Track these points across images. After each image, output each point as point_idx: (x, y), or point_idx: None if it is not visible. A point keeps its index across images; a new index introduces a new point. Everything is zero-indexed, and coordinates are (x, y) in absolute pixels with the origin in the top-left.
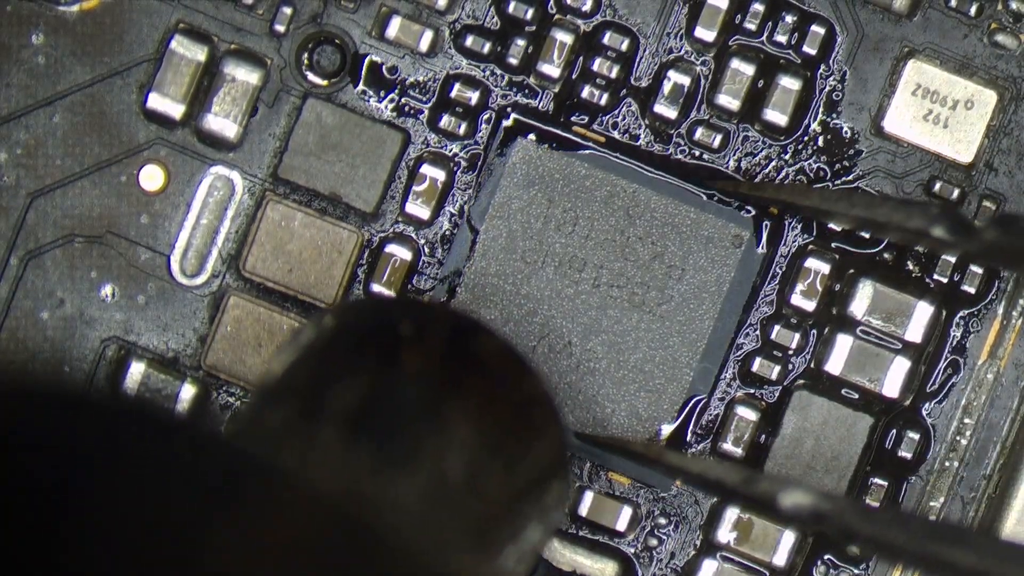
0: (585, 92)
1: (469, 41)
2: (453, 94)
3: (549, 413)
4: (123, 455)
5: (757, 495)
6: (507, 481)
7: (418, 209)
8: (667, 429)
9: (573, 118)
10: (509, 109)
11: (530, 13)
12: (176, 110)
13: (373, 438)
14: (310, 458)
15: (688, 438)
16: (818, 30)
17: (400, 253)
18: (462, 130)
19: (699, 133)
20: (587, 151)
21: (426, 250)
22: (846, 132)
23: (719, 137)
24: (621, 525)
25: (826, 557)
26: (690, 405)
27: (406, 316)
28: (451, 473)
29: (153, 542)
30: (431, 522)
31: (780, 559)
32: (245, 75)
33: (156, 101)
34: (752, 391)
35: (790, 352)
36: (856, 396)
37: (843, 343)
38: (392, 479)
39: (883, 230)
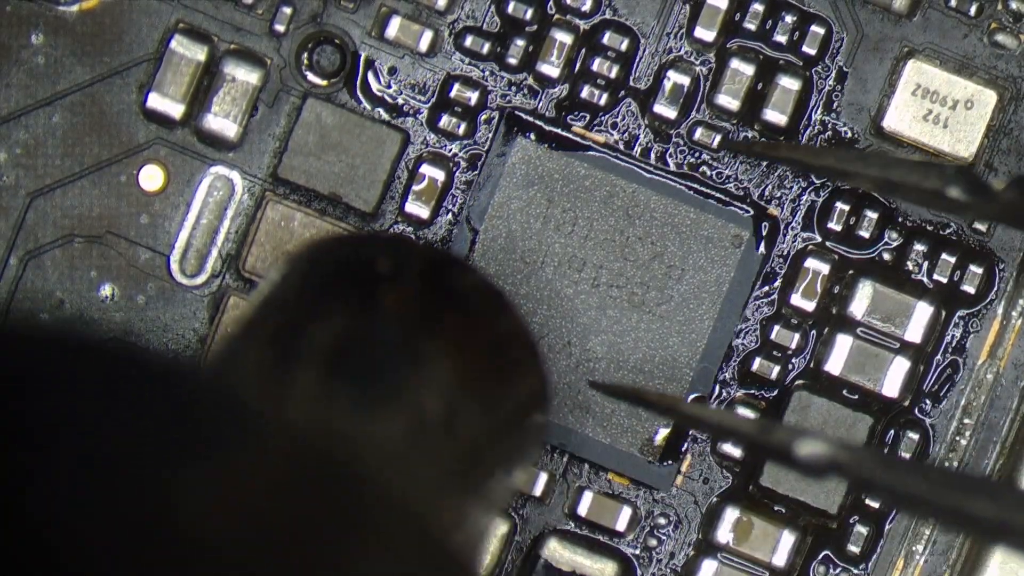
0: (585, 92)
1: (469, 41)
2: (453, 94)
3: (527, 348)
4: (93, 392)
5: (773, 444)
6: (486, 418)
7: (418, 209)
8: (663, 432)
9: (573, 118)
10: (509, 109)
11: (530, 13)
12: (176, 110)
13: (351, 378)
14: (287, 398)
15: (688, 438)
16: (818, 30)
17: None
18: (461, 130)
19: (699, 133)
20: (587, 151)
21: None
22: (846, 132)
23: (719, 137)
24: (620, 525)
25: (825, 557)
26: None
27: (382, 252)
28: (430, 412)
29: (124, 481)
30: (410, 461)
31: (780, 559)
32: (245, 75)
33: (156, 101)
34: (752, 391)
35: (790, 352)
36: (856, 396)
37: (843, 343)
38: (371, 419)
39: (898, 191)
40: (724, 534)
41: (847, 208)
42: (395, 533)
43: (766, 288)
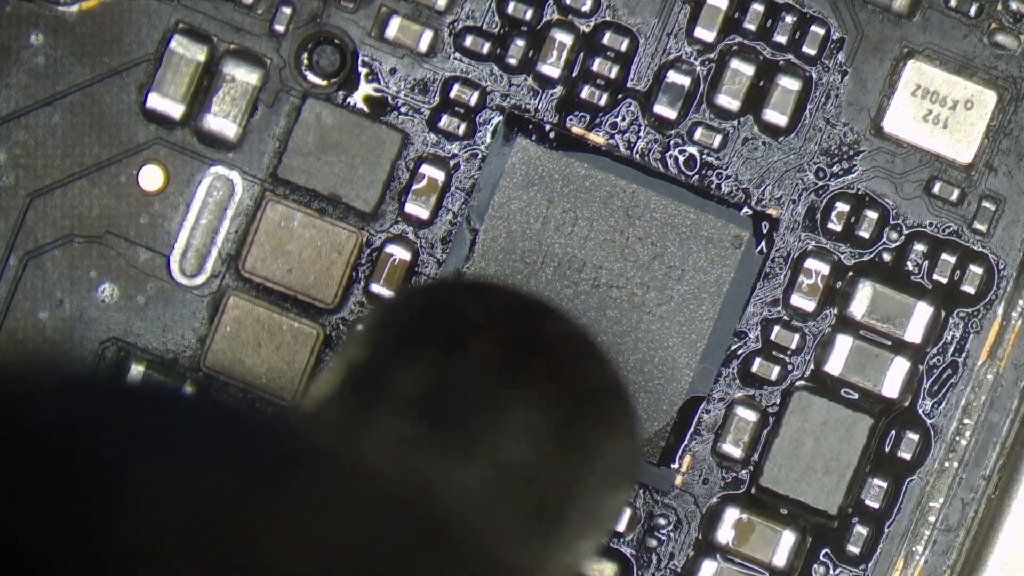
0: (585, 92)
1: (468, 41)
2: (452, 94)
3: (618, 398)
4: (181, 438)
5: None
6: (572, 469)
7: (417, 209)
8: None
9: (572, 119)
10: (508, 109)
11: (529, 13)
12: (176, 110)
13: (435, 424)
14: (372, 443)
15: (687, 439)
16: (818, 30)
17: (399, 253)
18: (461, 130)
19: (699, 133)
20: (586, 152)
21: (425, 250)
22: (846, 132)
23: (719, 138)
24: (620, 526)
25: (825, 557)
26: (689, 406)
27: (471, 299)
28: (514, 460)
29: (209, 524)
30: (492, 508)
31: (780, 560)
32: (244, 75)
33: (156, 101)
34: (752, 392)
35: (790, 352)
36: (856, 397)
37: (843, 344)
38: (454, 465)
39: None
40: (724, 535)
41: (847, 208)
42: None
43: (766, 288)
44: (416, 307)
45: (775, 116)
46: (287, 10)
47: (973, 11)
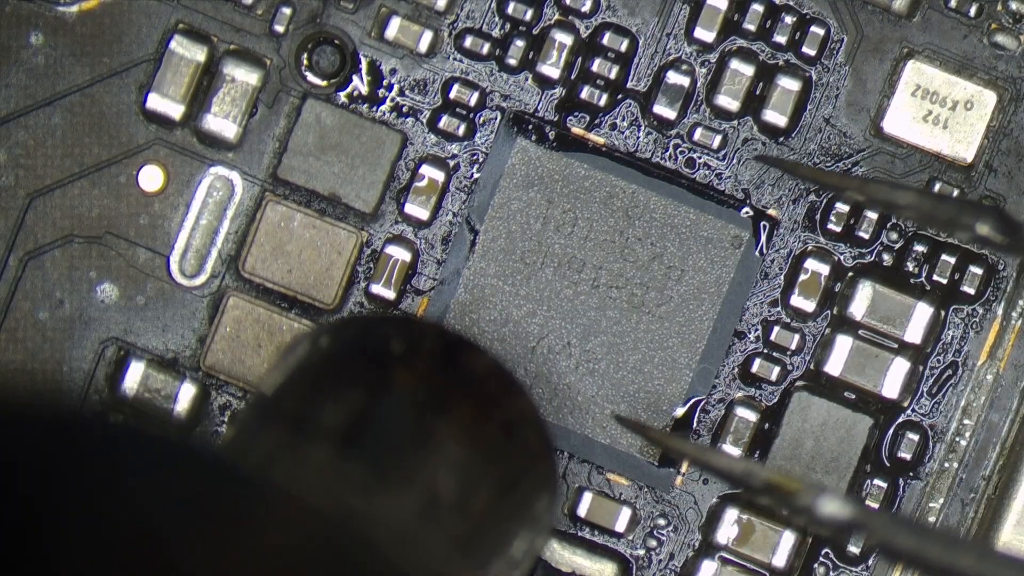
0: (584, 93)
1: (468, 42)
2: (452, 95)
3: (538, 431)
4: (106, 468)
5: (794, 503)
6: (496, 499)
7: (417, 210)
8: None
9: (572, 119)
10: (508, 110)
11: (529, 14)
12: (175, 110)
13: (364, 456)
14: (301, 474)
15: (688, 439)
16: (817, 31)
17: (399, 254)
18: (461, 131)
19: (699, 134)
20: (586, 152)
21: (425, 251)
22: (846, 133)
23: (718, 138)
24: (620, 526)
25: (825, 558)
26: (689, 406)
27: (397, 334)
28: (442, 491)
29: (137, 555)
30: (421, 539)
31: (780, 560)
32: (244, 75)
33: (155, 101)
34: (752, 392)
35: (790, 353)
36: (856, 397)
37: (843, 344)
38: (383, 497)
39: (932, 223)
40: (724, 535)
41: (847, 209)
42: None
43: (766, 289)
44: (344, 340)
45: (775, 116)
46: (287, 10)
47: (973, 11)
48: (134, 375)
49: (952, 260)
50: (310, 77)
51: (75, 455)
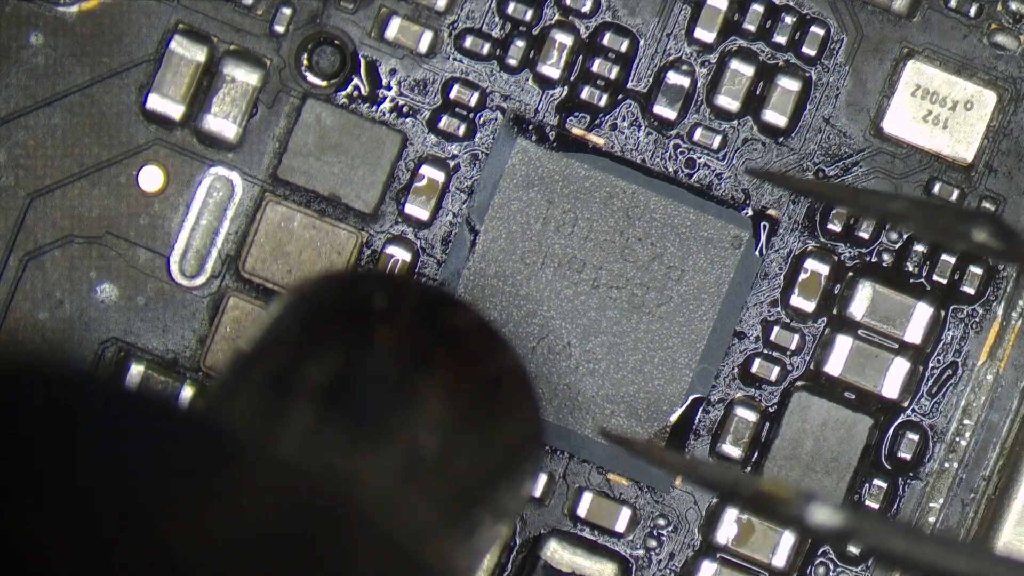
0: (585, 93)
1: (468, 42)
2: (452, 95)
3: (522, 386)
4: (86, 426)
5: (784, 510)
6: (480, 456)
7: (417, 210)
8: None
9: (572, 119)
10: (509, 110)
11: (529, 14)
12: (175, 111)
13: (345, 414)
14: (281, 434)
15: (688, 439)
16: (817, 31)
17: (399, 254)
18: (461, 131)
19: (699, 134)
20: (586, 152)
21: (425, 251)
22: (846, 133)
23: (718, 138)
24: (620, 526)
25: (825, 558)
26: (689, 406)
27: (378, 289)
28: (424, 449)
29: (117, 513)
30: (404, 498)
31: (779, 560)
32: (244, 76)
33: (155, 102)
34: (751, 392)
35: (790, 353)
36: (855, 397)
37: (843, 344)
38: (365, 455)
39: (927, 232)
40: (724, 535)
41: (847, 209)
42: (385, 566)
43: (766, 289)
44: (325, 296)
45: (775, 117)
46: (287, 11)
47: (973, 11)
48: (134, 376)
49: (952, 260)
50: (310, 77)
51: (53, 415)
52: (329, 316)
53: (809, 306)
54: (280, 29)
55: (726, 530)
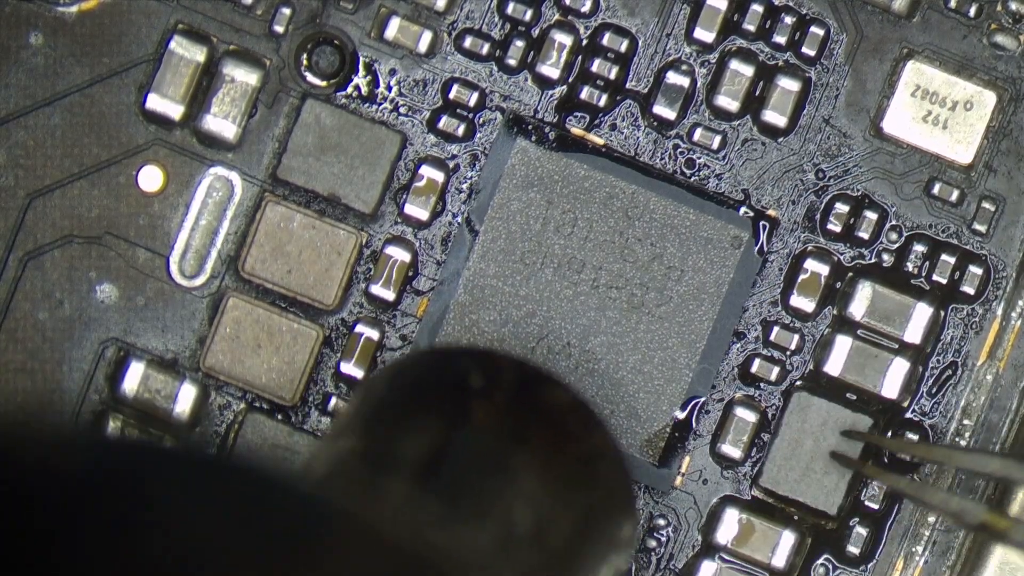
0: (584, 93)
1: (468, 42)
2: (452, 95)
3: (615, 464)
4: (200, 500)
5: (1004, 538)
6: (574, 532)
7: (417, 210)
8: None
9: (572, 119)
10: (508, 110)
11: (529, 14)
12: (175, 111)
13: (442, 489)
14: (380, 508)
15: (687, 439)
16: (817, 31)
17: (399, 254)
18: (461, 131)
19: (698, 134)
20: (586, 152)
21: (425, 251)
22: (845, 133)
23: (718, 138)
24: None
25: (825, 558)
26: (689, 406)
27: (476, 367)
28: (519, 525)
29: None
30: (498, 571)
31: (779, 560)
32: (244, 76)
33: (155, 102)
34: (751, 392)
35: (789, 353)
36: (855, 397)
37: (842, 344)
38: (460, 529)
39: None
40: (724, 535)
41: (847, 209)
42: None
43: (765, 289)
44: (420, 374)
45: (774, 117)
46: (286, 11)
47: (973, 12)
48: (134, 375)
49: (952, 260)
50: (310, 77)
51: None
52: (426, 393)
53: (809, 306)
54: (280, 29)
55: (726, 530)
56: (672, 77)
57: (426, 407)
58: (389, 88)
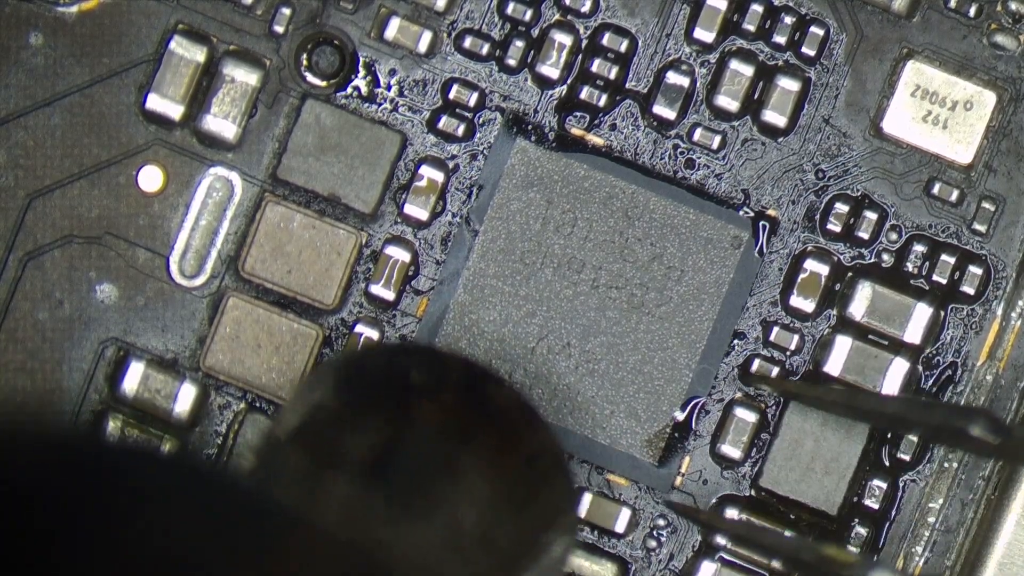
0: (584, 93)
1: (468, 42)
2: (452, 95)
3: (557, 463)
4: (123, 497)
5: (845, 574)
6: (517, 531)
7: (417, 210)
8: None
9: (572, 119)
10: (508, 110)
11: (529, 14)
12: (175, 111)
13: (388, 488)
14: (324, 504)
15: (687, 439)
16: (817, 31)
17: (399, 254)
18: (461, 131)
19: (698, 134)
20: (586, 152)
21: (425, 251)
22: (845, 133)
23: (718, 138)
24: (620, 527)
25: None
26: (689, 407)
27: (420, 366)
28: (464, 523)
29: None
30: (444, 569)
31: (779, 561)
32: (244, 76)
33: (155, 102)
34: (751, 392)
35: (789, 353)
36: None
37: (842, 344)
38: (406, 528)
39: (918, 429)
40: (723, 536)
41: (846, 209)
42: None
43: (765, 289)
44: (366, 372)
45: (774, 117)
46: (286, 11)
47: (972, 12)
48: (134, 375)
49: (952, 260)
50: (309, 78)
51: (89, 483)
52: (371, 392)
53: (809, 306)
54: (280, 29)
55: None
56: (672, 77)
57: (372, 405)
58: (389, 88)
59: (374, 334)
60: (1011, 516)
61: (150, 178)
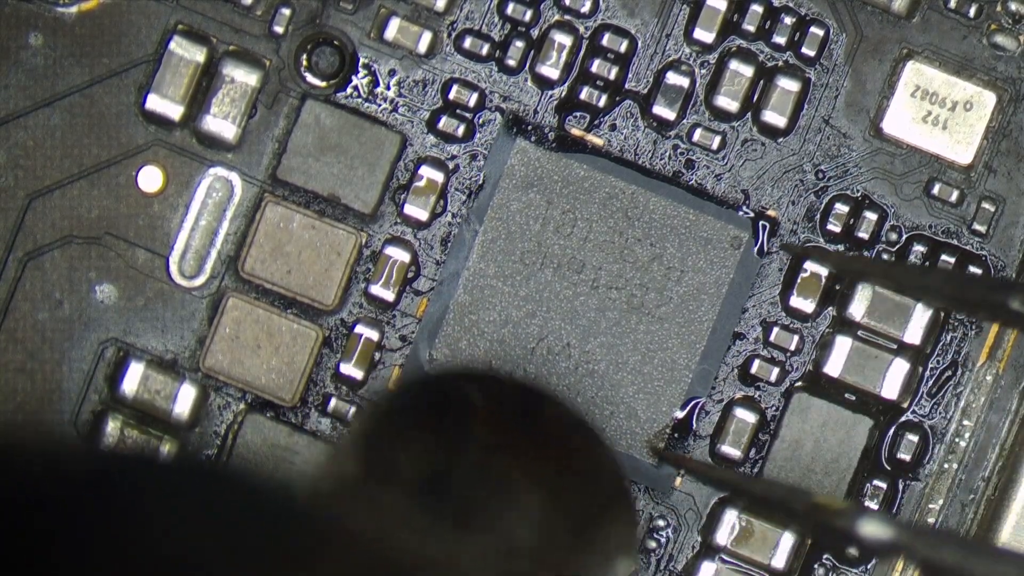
0: (584, 93)
1: (468, 42)
2: (452, 95)
3: (617, 485)
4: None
5: (834, 523)
6: (573, 552)
7: (417, 210)
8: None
9: (572, 120)
10: (508, 110)
11: (529, 14)
12: (175, 111)
13: (443, 505)
14: (381, 522)
15: (687, 440)
16: (817, 31)
17: (399, 255)
18: (460, 132)
19: (698, 135)
20: (586, 153)
21: (425, 252)
22: (845, 133)
23: (718, 139)
24: None
25: (825, 559)
26: (689, 407)
27: (476, 386)
28: (519, 542)
29: None
30: None
31: (779, 561)
32: (244, 76)
33: (155, 102)
34: (751, 393)
35: (789, 354)
36: (855, 398)
37: (842, 345)
38: (460, 545)
39: (956, 304)
40: (723, 536)
41: (846, 209)
42: None
43: (765, 289)
44: (421, 393)
45: (774, 117)
46: (286, 11)
47: (972, 12)
48: (133, 376)
49: (952, 260)
50: (309, 78)
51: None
52: (428, 412)
53: (809, 306)
54: (279, 30)
55: (726, 531)
56: (672, 77)
57: (429, 424)
58: (389, 88)
59: (374, 335)
60: (1011, 517)
61: (150, 178)
